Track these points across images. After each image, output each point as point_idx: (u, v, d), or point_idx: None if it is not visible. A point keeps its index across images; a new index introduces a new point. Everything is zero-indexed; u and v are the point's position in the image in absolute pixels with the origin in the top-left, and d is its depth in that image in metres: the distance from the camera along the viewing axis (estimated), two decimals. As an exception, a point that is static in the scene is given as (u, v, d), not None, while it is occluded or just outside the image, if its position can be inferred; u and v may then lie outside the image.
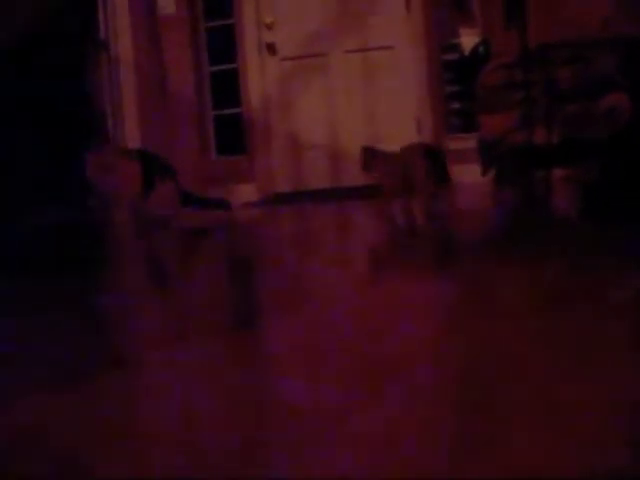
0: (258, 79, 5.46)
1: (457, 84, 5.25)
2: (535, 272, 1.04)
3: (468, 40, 5.06)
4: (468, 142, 5.01)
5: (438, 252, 1.42)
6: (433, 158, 3.27)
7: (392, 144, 5.31)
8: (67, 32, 5.26)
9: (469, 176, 5.12)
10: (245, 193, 5.53)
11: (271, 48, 5.43)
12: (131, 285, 1.35)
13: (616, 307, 0.76)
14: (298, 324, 0.83)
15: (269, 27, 5.41)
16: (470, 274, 1.09)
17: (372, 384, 0.57)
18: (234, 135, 5.62)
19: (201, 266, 1.58)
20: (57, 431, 0.53)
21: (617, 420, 0.44)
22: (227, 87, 5.60)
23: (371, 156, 3.41)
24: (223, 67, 5.60)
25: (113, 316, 1.01)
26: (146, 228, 3.18)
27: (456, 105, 5.28)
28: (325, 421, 0.49)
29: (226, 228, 2.86)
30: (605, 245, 1.30)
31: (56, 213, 4.91)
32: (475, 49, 4.59)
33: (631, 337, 0.64)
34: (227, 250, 1.90)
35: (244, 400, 0.56)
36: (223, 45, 5.58)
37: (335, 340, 0.73)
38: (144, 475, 0.43)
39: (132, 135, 5.58)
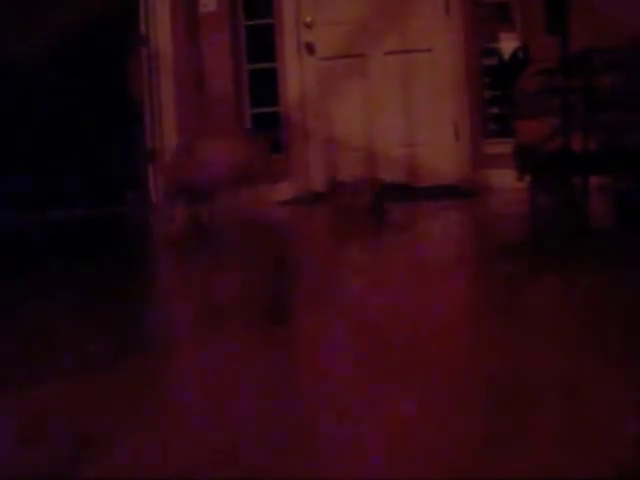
0: (296, 78, 5.48)
1: (495, 89, 5.22)
2: (567, 278, 1.04)
3: (507, 45, 5.03)
4: (505, 147, 4.98)
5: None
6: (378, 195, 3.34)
7: (429, 147, 5.30)
8: (109, 27, 5.31)
9: (505, 181, 5.09)
10: (280, 191, 5.55)
11: (310, 47, 5.44)
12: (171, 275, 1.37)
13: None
14: (327, 318, 0.84)
15: (308, 26, 5.42)
16: (503, 279, 1.10)
17: (394, 380, 0.58)
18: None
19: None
20: (75, 414, 0.54)
21: (631, 425, 0.45)
22: (265, 86, 5.62)
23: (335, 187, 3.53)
24: (262, 65, 5.62)
25: (149, 303, 1.03)
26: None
27: (494, 110, 5.25)
28: (350, 418, 0.50)
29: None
30: (638, 254, 1.29)
31: (96, 206, 4.97)
32: (514, 54, 4.56)
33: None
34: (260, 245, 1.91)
35: (267, 395, 0.58)
36: (262, 44, 5.60)
37: (364, 339, 0.74)
38: (158, 464, 0.44)
39: (169, 130, 5.62)
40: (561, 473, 0.38)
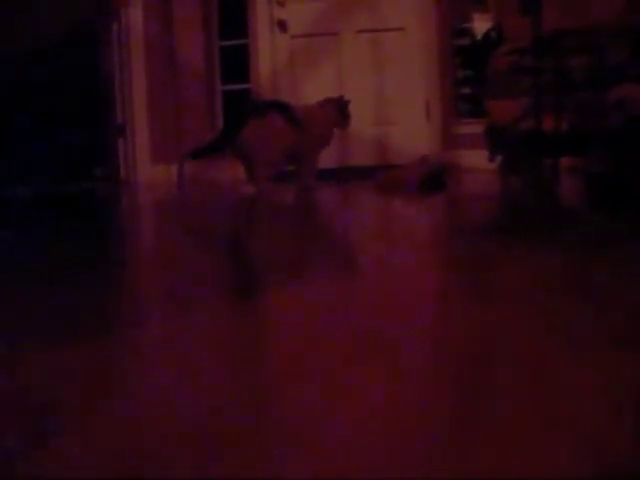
0: (268, 55, 5.44)
1: (468, 69, 5.23)
2: (536, 260, 1.05)
3: (480, 25, 5.03)
4: (476, 127, 4.99)
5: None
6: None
7: (400, 126, 5.30)
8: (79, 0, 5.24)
9: (476, 161, 5.11)
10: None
11: (282, 25, 5.40)
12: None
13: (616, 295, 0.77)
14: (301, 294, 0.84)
15: (281, 4, 5.39)
16: (471, 260, 1.10)
17: (363, 362, 0.58)
18: (242, 111, 5.60)
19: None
20: (42, 388, 0.53)
21: (617, 413, 0.45)
22: (236, 62, 5.58)
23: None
24: (233, 42, 5.58)
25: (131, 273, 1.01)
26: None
27: (466, 90, 5.26)
28: (316, 395, 0.50)
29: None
30: (609, 236, 1.30)
31: (60, 182, 4.91)
32: (487, 34, 4.57)
33: (631, 327, 0.65)
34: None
35: (236, 376, 0.57)
36: (235, 19, 5.56)
37: (332, 317, 0.74)
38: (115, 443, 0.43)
39: (139, 105, 5.57)
40: (544, 471, 0.37)
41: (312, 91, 5.39)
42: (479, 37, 4.97)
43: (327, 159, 5.26)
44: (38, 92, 4.95)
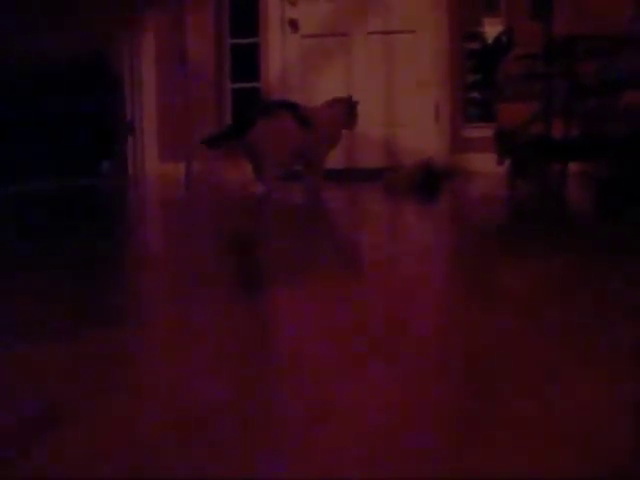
0: (278, 55, 5.44)
1: (478, 73, 5.22)
2: (540, 263, 1.04)
3: (491, 29, 5.03)
4: (485, 131, 4.99)
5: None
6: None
7: (408, 128, 5.29)
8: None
9: (485, 165, 5.10)
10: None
11: (293, 24, 5.40)
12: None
13: (620, 300, 0.77)
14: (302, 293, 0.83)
15: (292, 3, 5.38)
16: (476, 262, 1.09)
17: (364, 362, 0.57)
18: (251, 110, 5.60)
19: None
20: (40, 388, 0.53)
21: (617, 414, 0.44)
22: (247, 61, 5.58)
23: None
24: (244, 40, 5.58)
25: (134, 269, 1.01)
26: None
27: (476, 94, 5.25)
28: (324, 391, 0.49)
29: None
30: (615, 240, 1.29)
31: (64, 177, 4.92)
32: (498, 38, 4.56)
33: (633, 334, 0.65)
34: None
35: (238, 375, 0.57)
36: (245, 18, 5.56)
37: (337, 316, 0.73)
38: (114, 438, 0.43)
39: (149, 101, 5.57)
40: (551, 471, 0.37)
41: (322, 91, 5.39)
42: (490, 41, 4.96)
43: (335, 160, 5.26)
44: (45, 90, 4.96)
